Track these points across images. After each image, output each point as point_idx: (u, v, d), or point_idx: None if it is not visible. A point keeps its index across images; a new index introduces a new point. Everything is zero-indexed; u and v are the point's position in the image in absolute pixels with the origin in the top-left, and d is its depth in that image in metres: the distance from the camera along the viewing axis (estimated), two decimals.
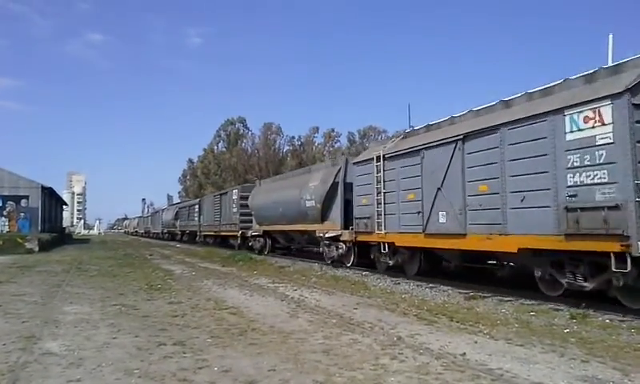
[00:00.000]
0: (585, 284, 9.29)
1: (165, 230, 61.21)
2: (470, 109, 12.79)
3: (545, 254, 9.98)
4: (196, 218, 43.71)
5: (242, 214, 30.08)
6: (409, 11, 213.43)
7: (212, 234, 37.94)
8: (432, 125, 14.42)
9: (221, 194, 36.33)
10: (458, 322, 8.37)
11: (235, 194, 31.65)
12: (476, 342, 6.92)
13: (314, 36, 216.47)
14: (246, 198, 29.50)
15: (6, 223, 39.82)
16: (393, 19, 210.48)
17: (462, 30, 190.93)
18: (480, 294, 11.27)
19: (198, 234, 42.74)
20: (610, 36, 9.75)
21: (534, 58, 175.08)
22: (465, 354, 6.28)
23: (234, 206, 31.35)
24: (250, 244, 29.15)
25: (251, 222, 28.55)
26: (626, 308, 8.79)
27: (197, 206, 43.95)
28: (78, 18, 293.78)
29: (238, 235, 30.30)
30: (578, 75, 9.80)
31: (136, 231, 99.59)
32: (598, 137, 8.69)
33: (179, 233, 52.48)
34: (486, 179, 11.19)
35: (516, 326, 8.07)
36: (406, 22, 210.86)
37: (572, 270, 9.50)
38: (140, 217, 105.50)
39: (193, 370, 5.63)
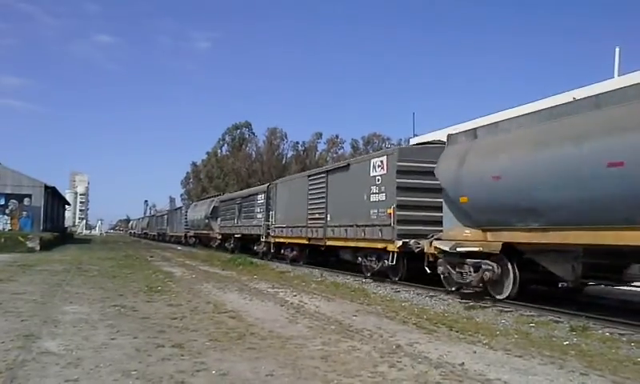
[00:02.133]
0: None
1: (191, 233, 46.22)
2: None
3: None
4: (259, 215, 27.63)
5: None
6: (415, 17, 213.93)
7: (300, 241, 22.06)
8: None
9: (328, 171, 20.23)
10: (457, 331, 8.35)
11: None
12: (475, 352, 6.89)
13: (320, 42, 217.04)
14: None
15: (8, 221, 39.91)
16: (399, 25, 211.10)
17: (469, 39, 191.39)
18: (480, 304, 11.24)
19: (267, 240, 26.09)
20: (617, 49, 9.66)
21: (538, 71, 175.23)
22: (463, 363, 6.25)
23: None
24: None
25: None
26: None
27: (261, 197, 27.39)
28: (87, 19, 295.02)
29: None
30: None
31: (145, 233, 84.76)
32: None
33: (218, 237, 36.92)
34: None
35: (515, 336, 8.04)
36: (411, 28, 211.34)
37: None
38: (152, 216, 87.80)
39: (191, 372, 5.62)
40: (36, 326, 8.07)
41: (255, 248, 28.14)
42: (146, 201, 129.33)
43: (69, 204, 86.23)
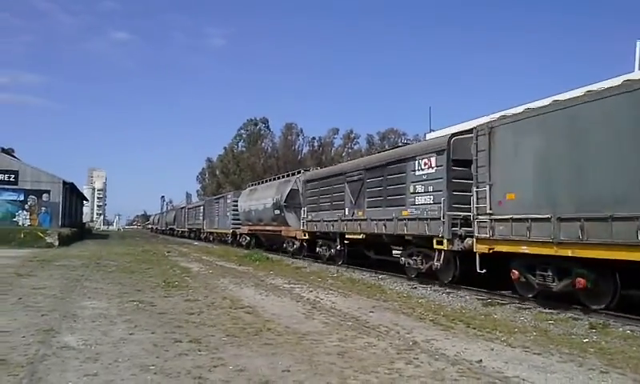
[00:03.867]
0: None
1: (244, 230, 33.44)
2: None
3: None
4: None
5: None
6: (430, 14, 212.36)
7: None
8: None
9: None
10: (474, 328, 8.28)
11: None
12: (492, 349, 6.83)
13: (335, 38, 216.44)
14: None
15: (28, 217, 40.34)
16: (414, 21, 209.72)
17: (485, 36, 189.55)
18: (498, 300, 11.14)
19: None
20: (638, 43, 9.46)
21: (554, 64, 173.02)
22: (481, 360, 6.20)
23: None
24: None
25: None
26: None
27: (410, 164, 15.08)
28: (104, 16, 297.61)
29: None
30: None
31: (171, 229, 72.17)
32: None
33: (299, 237, 24.00)
34: None
35: (534, 334, 7.96)
36: (428, 24, 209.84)
37: None
38: (180, 208, 71.37)
39: (208, 367, 5.65)
40: (55, 320, 8.17)
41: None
42: (163, 196, 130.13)
43: (87, 200, 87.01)
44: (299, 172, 26.64)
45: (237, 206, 35.25)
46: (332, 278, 15.75)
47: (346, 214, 18.75)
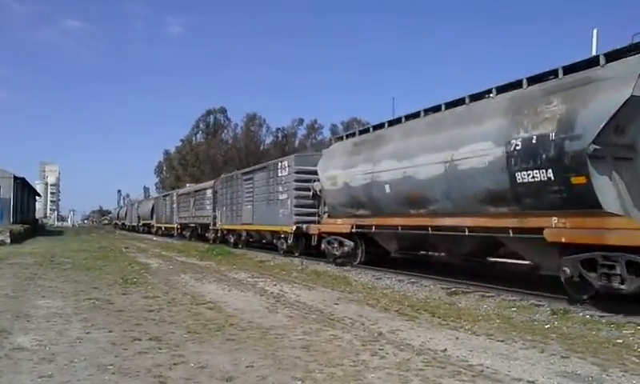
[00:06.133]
0: None
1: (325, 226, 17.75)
2: None
3: None
4: None
5: None
6: (392, 4, 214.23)
7: None
8: None
9: None
10: (439, 317, 8.34)
11: None
12: (457, 338, 6.88)
13: (297, 28, 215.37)
14: None
15: None
16: (376, 12, 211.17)
17: (445, 26, 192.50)
18: (462, 289, 11.27)
19: None
20: (595, 31, 9.63)
21: (519, 53, 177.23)
22: (446, 349, 6.23)
23: None
24: None
25: None
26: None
27: None
28: (55, 4, 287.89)
29: None
30: None
31: (146, 225, 56.27)
32: None
33: None
34: None
35: (497, 321, 8.07)
36: (389, 14, 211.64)
37: None
38: (164, 196, 51.47)
39: (168, 365, 5.48)
40: (8, 321, 7.81)
41: None
42: (119, 190, 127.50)
43: (39, 195, 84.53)
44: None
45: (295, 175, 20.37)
46: (296, 271, 15.66)
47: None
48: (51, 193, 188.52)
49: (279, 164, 21.95)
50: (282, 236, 21.41)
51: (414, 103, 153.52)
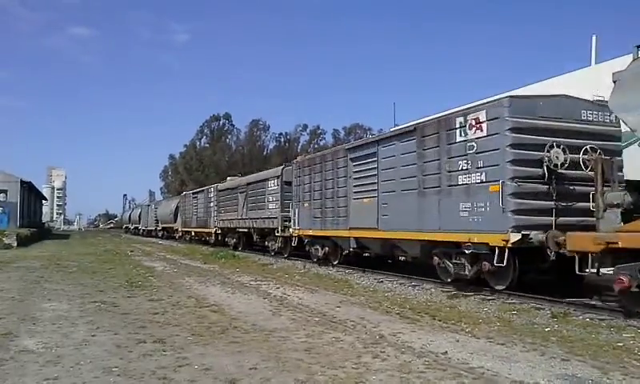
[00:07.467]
0: None
1: None
2: None
3: None
4: None
5: None
6: (394, 8, 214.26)
7: None
8: None
9: None
10: (440, 320, 8.39)
11: None
12: (458, 341, 6.93)
13: (300, 34, 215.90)
14: None
15: None
16: (378, 16, 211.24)
17: (448, 30, 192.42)
18: (463, 292, 11.31)
19: None
20: (594, 37, 9.67)
21: (520, 55, 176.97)
22: (447, 352, 6.28)
23: None
24: None
25: None
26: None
27: None
28: (63, 11, 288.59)
29: None
30: None
31: (166, 229, 50.30)
32: None
33: None
34: None
35: (498, 324, 8.11)
36: (391, 18, 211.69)
37: None
38: (194, 194, 39.63)
39: (173, 368, 5.56)
40: (14, 323, 7.91)
41: None
42: (125, 195, 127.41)
43: (46, 199, 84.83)
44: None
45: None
46: (299, 274, 15.73)
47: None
48: (58, 197, 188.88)
49: (456, 120, 11.19)
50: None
51: (417, 108, 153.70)
